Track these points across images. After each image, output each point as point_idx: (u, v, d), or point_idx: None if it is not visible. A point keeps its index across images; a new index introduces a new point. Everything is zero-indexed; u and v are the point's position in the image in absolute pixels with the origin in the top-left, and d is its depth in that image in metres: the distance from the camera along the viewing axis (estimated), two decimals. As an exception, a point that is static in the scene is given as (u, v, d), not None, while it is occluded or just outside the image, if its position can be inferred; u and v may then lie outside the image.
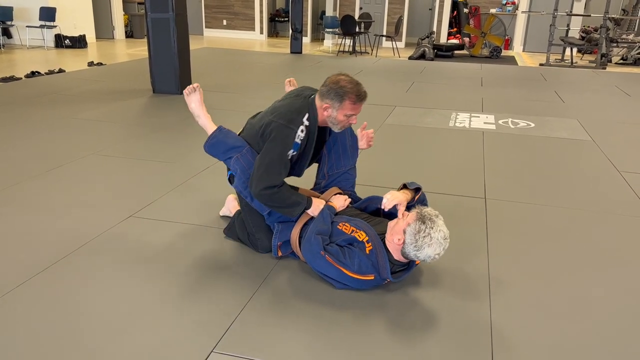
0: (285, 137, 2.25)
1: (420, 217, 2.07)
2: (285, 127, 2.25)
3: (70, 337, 1.86)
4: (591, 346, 1.90)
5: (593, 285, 2.31)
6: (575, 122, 5.38)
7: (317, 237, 2.18)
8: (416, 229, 2.04)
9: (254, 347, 1.84)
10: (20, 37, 10.85)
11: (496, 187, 3.49)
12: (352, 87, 2.24)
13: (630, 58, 10.80)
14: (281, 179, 2.26)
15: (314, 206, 2.33)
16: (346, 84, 2.24)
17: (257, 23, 14.43)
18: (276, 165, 2.24)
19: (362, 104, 2.29)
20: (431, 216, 2.07)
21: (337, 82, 2.25)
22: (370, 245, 2.12)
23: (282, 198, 2.26)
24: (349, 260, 2.11)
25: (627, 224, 2.97)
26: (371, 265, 2.11)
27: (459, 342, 1.90)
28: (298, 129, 2.25)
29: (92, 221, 2.79)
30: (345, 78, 2.27)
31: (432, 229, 2.03)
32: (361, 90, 2.26)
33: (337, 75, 2.30)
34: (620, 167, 3.95)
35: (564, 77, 8.65)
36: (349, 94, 2.23)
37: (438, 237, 2.03)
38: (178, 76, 6.23)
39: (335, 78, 2.28)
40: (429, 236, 2.02)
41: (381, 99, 6.37)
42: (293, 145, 2.26)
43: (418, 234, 2.03)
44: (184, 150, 4.08)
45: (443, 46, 11.51)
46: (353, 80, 2.27)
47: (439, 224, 2.06)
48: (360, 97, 2.26)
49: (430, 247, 2.02)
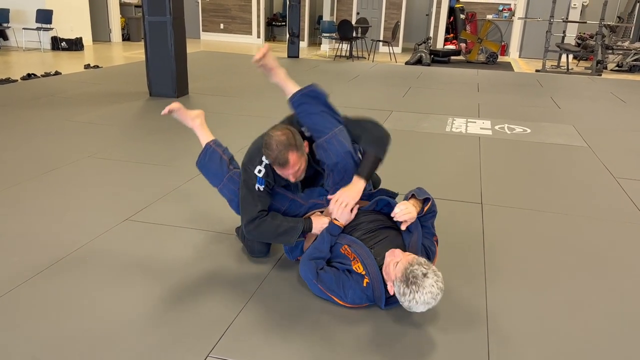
0: (247, 175, 2.29)
1: (405, 279, 1.89)
2: (246, 166, 2.30)
3: (64, 342, 1.84)
4: (586, 352, 1.90)
5: (589, 291, 2.31)
6: (571, 128, 5.40)
7: (310, 262, 2.13)
8: (401, 291, 1.90)
9: (249, 352, 1.83)
10: (17, 39, 10.83)
11: (492, 192, 3.49)
12: (271, 151, 2.12)
13: (626, 65, 10.86)
14: (258, 209, 2.25)
15: (314, 227, 2.27)
16: (269, 147, 2.13)
17: (255, 27, 14.44)
18: (249, 200, 2.27)
19: (281, 169, 2.16)
20: (417, 278, 1.87)
21: (266, 139, 2.16)
22: (367, 279, 2.06)
23: (271, 228, 2.24)
24: (342, 291, 2.06)
25: (622, 230, 2.98)
26: (365, 298, 2.07)
27: (457, 344, 1.89)
28: (255, 168, 2.25)
29: (88, 224, 2.78)
30: (273, 139, 2.12)
31: (417, 293, 1.86)
32: (278, 158, 2.11)
33: (274, 129, 2.17)
34: (615, 174, 3.96)
35: (559, 83, 8.69)
36: (268, 156, 2.15)
37: (425, 300, 1.87)
38: (175, 79, 6.22)
39: (267, 134, 2.17)
40: (414, 300, 1.88)
41: (378, 104, 6.38)
42: (257, 181, 2.25)
43: (403, 296, 1.90)
44: (180, 154, 4.06)
45: (440, 52, 11.55)
46: (280, 142, 2.10)
47: (426, 285, 1.86)
48: (276, 163, 2.14)
49: (418, 306, 1.90)
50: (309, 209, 2.38)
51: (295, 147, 2.13)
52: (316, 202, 2.38)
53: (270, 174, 2.27)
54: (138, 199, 3.13)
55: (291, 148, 2.11)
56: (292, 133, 2.15)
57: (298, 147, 2.14)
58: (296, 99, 2.30)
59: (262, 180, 2.25)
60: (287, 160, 2.12)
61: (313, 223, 2.28)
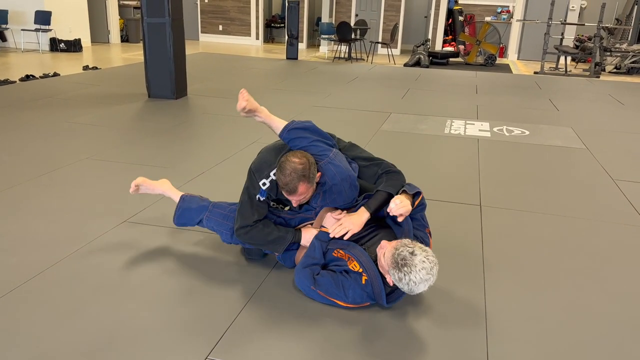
0: (251, 182, 2.30)
1: (395, 264, 1.92)
2: (253, 174, 2.30)
3: (64, 342, 1.84)
4: (584, 352, 1.90)
5: (587, 292, 2.32)
6: (570, 130, 5.41)
7: (305, 270, 2.15)
8: (396, 277, 1.93)
9: (249, 354, 1.83)
10: (15, 40, 10.82)
11: (491, 194, 3.49)
12: (284, 177, 2.12)
13: (624, 67, 10.89)
14: (254, 218, 2.28)
15: (304, 237, 2.31)
16: (283, 172, 2.12)
17: (253, 29, 14.45)
18: (247, 207, 2.28)
19: (288, 194, 2.16)
20: (405, 259, 1.90)
21: (282, 161, 2.15)
22: (365, 276, 2.08)
23: (260, 235, 2.28)
24: (342, 291, 2.07)
25: (620, 231, 2.98)
26: (366, 296, 2.08)
27: (455, 344, 1.90)
28: (260, 181, 2.26)
29: (87, 226, 2.78)
30: (290, 165, 2.11)
31: (411, 273, 1.89)
32: (288, 185, 2.12)
33: (293, 155, 2.16)
34: (614, 175, 3.97)
35: (558, 86, 8.70)
36: (279, 180, 2.15)
37: (421, 277, 1.89)
38: (174, 81, 6.22)
39: (286, 157, 2.15)
40: (411, 281, 1.90)
41: (376, 105, 6.39)
42: (259, 192, 2.27)
43: (400, 282, 1.93)
44: (179, 155, 4.06)
45: (438, 54, 11.56)
46: (295, 170, 2.10)
47: (417, 262, 1.89)
48: (284, 188, 2.15)
49: (418, 286, 1.91)
50: (299, 222, 2.40)
51: (307, 179, 2.13)
52: (305, 216, 2.40)
53: (274, 189, 2.28)
54: (137, 201, 3.13)
55: (303, 179, 2.12)
56: (309, 164, 2.15)
57: (310, 179, 2.15)
58: (285, 135, 2.32)
59: (265, 193, 2.27)
60: (295, 189, 2.13)
61: (302, 234, 2.31)
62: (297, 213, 2.42)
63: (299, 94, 6.86)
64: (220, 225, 2.44)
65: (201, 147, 4.31)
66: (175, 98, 6.23)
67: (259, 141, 4.49)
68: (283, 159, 2.16)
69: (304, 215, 2.40)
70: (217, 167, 3.82)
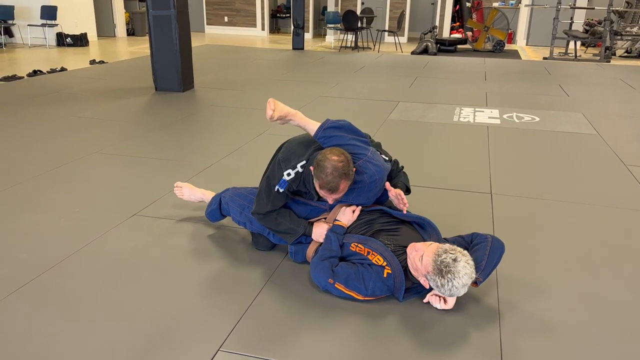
0: (274, 172, 2.28)
1: (438, 271, 1.91)
2: (279, 163, 2.27)
3: (73, 337, 1.84)
4: (601, 343, 1.88)
5: (602, 281, 2.29)
6: (580, 116, 5.34)
7: (323, 262, 2.11)
8: (438, 283, 1.92)
9: (260, 346, 1.82)
10: (22, 35, 10.85)
11: (502, 182, 3.46)
12: (325, 175, 2.04)
13: (635, 51, 10.73)
14: (267, 208, 2.28)
15: (315, 232, 2.28)
16: (323, 170, 2.05)
17: (259, 19, 14.39)
18: (264, 196, 2.29)
19: (328, 193, 2.10)
20: (449, 266, 1.89)
21: (321, 160, 2.07)
22: (389, 269, 2.05)
23: (273, 224, 2.31)
24: (362, 283, 2.04)
25: (634, 217, 2.94)
26: (386, 289, 2.06)
27: (468, 336, 1.88)
28: (285, 171, 2.22)
29: (96, 220, 2.78)
30: (330, 163, 2.04)
31: (454, 280, 1.89)
32: (330, 184, 2.05)
33: (331, 152, 2.09)
34: (626, 161, 3.91)
35: (568, 71, 8.60)
36: (319, 179, 2.08)
37: (463, 282, 1.90)
38: (180, 73, 6.21)
39: (324, 155, 2.08)
40: (454, 287, 1.90)
41: (384, 94, 6.34)
42: (279, 183, 2.23)
43: (442, 287, 1.92)
44: (187, 148, 4.06)
45: (446, 41, 11.46)
46: (336, 169, 2.04)
47: (460, 269, 1.89)
48: (325, 187, 2.08)
49: (460, 290, 1.92)
50: (311, 211, 2.39)
51: (348, 177, 2.08)
52: (318, 206, 2.38)
53: (297, 180, 2.23)
54: (146, 194, 3.13)
55: (345, 177, 2.07)
56: (348, 161, 2.09)
57: (350, 177, 2.10)
58: (321, 134, 2.26)
59: (285, 184, 2.23)
60: (337, 187, 2.08)
61: (314, 229, 2.29)
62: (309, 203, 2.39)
63: (306, 85, 6.82)
64: (232, 201, 2.54)
65: (209, 140, 4.30)
66: (182, 91, 6.22)
67: (266, 132, 4.47)
68: (320, 157, 2.09)
69: (317, 205, 2.38)
70: (226, 159, 3.81)
